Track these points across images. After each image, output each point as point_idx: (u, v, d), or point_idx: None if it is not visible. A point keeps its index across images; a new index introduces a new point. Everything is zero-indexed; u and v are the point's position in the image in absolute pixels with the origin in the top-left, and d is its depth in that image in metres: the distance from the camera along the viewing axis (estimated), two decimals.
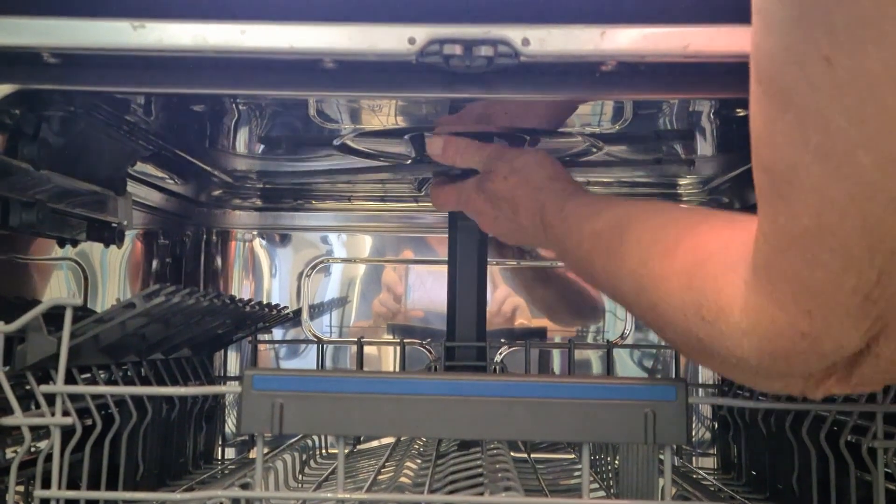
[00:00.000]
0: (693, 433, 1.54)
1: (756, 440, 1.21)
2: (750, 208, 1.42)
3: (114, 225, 1.05)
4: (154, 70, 0.74)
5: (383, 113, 1.02)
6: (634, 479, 0.91)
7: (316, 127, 1.10)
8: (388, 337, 1.56)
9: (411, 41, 0.70)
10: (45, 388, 0.75)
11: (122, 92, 0.84)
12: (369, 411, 0.73)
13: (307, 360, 1.57)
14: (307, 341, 1.50)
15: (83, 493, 0.78)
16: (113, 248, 1.11)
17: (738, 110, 0.96)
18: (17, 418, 0.76)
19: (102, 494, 0.78)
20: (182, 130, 1.11)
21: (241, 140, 1.22)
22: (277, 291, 1.54)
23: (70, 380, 0.81)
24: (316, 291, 1.54)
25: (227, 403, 1.50)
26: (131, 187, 1.13)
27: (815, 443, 0.96)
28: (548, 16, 0.69)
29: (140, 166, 1.19)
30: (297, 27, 0.70)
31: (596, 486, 1.12)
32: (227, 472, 1.25)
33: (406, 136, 1.09)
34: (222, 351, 1.50)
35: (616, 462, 1.05)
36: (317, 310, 1.54)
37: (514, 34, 0.69)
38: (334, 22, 0.70)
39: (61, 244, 0.99)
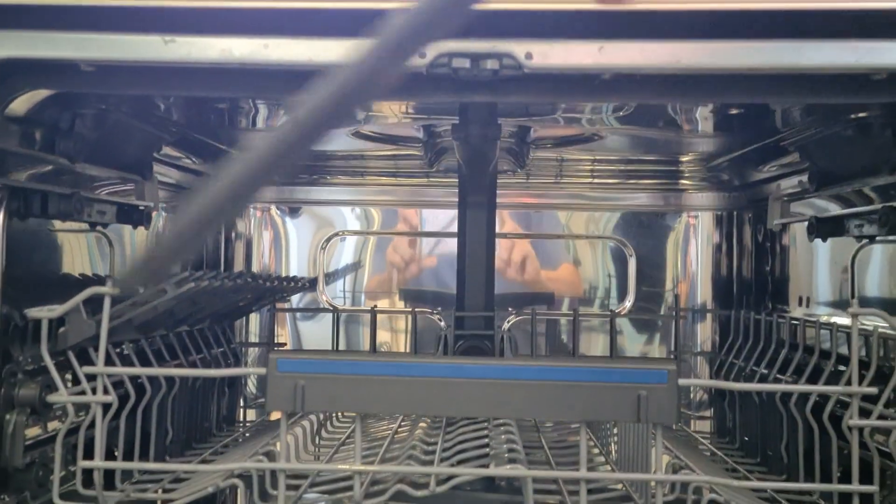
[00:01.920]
0: (692, 395, 1.60)
1: (749, 408, 1.28)
2: (748, 187, 1.48)
3: (141, 208, 1.11)
4: (182, 76, 0.80)
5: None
6: (631, 451, 0.98)
7: None
8: (400, 304, 1.63)
9: (422, 55, 0.75)
10: (87, 369, 0.82)
11: (153, 95, 0.90)
12: (383, 391, 0.80)
13: (323, 323, 1.64)
14: (323, 310, 1.57)
15: (122, 464, 0.86)
16: None
17: (732, 110, 1.01)
18: (63, 396, 0.83)
19: (140, 465, 0.85)
20: (204, 117, 1.16)
21: (260, 119, 1.27)
22: (295, 260, 1.61)
23: (107, 358, 0.88)
24: (331, 261, 1.60)
25: (246, 365, 1.58)
26: (154, 167, 1.19)
27: (802, 415, 1.03)
28: (550, 31, 0.74)
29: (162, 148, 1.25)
30: (315, 41, 0.75)
31: (597, 450, 1.19)
32: (248, 434, 1.33)
33: None
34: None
35: (615, 431, 1.12)
36: (332, 277, 1.61)
37: (518, 48, 0.74)
38: (350, 36, 0.75)
39: (92, 227, 1.06)
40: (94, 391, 0.83)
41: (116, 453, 1.02)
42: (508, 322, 1.57)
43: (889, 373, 0.84)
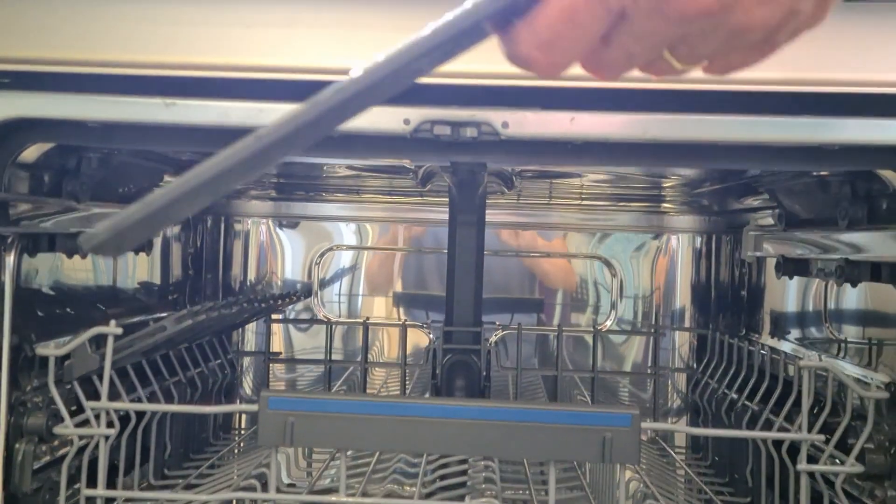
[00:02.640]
0: (670, 402, 1.66)
1: (720, 428, 1.34)
2: (727, 213, 1.53)
3: None
4: (182, 135, 0.85)
5: None
6: (599, 474, 1.05)
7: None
8: (392, 309, 1.70)
9: (406, 122, 0.80)
10: (92, 404, 0.89)
11: (154, 149, 0.95)
12: (366, 429, 0.86)
13: (317, 329, 1.69)
14: (317, 321, 1.63)
15: (123, 493, 0.92)
16: None
17: None
18: (69, 428, 0.89)
19: (138, 494, 0.92)
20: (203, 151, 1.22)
21: None
22: (290, 272, 1.67)
23: (111, 386, 0.94)
24: (326, 274, 1.66)
25: (242, 372, 1.64)
26: None
27: (765, 444, 1.09)
28: (525, 102, 0.80)
29: None
30: None
31: (574, 473, 1.25)
32: (242, 445, 1.40)
33: None
34: None
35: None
36: (326, 290, 1.67)
37: (496, 117, 0.80)
38: None
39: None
40: (97, 417, 0.89)
41: (118, 464, 1.08)
42: (496, 335, 1.63)
43: (846, 412, 0.90)
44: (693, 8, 0.33)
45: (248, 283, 1.66)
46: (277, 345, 1.66)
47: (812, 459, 0.94)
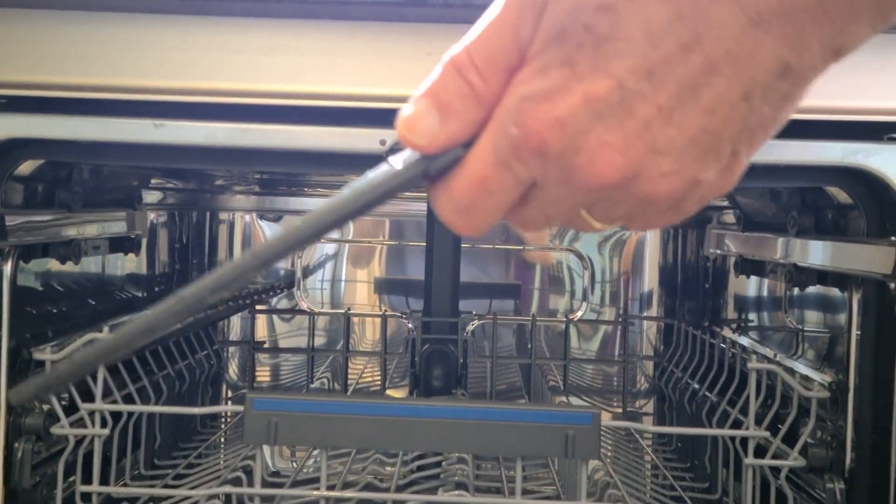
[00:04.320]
0: (638, 384, 1.73)
1: (683, 415, 1.41)
2: None
3: (132, 237, 1.22)
4: (171, 153, 0.90)
5: None
6: (567, 467, 1.12)
7: None
8: (374, 296, 1.76)
9: (382, 142, 0.85)
10: (87, 405, 0.94)
11: (144, 166, 1.00)
12: (347, 429, 0.92)
13: (300, 318, 1.75)
14: (300, 312, 1.69)
15: (115, 489, 0.98)
16: None
17: None
18: (65, 428, 0.95)
19: (130, 490, 0.98)
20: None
21: None
22: (275, 266, 1.72)
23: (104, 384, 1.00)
24: (309, 263, 1.72)
25: (227, 358, 1.70)
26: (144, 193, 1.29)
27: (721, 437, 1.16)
28: None
29: None
30: (290, 128, 0.86)
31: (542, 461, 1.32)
32: (229, 433, 1.46)
33: None
34: None
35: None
36: (309, 279, 1.72)
37: None
38: (321, 124, 0.86)
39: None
40: (91, 416, 0.95)
41: (110, 455, 1.14)
42: (472, 324, 1.69)
43: (793, 408, 0.97)
44: (598, 181, 0.35)
45: None
46: (262, 330, 1.72)
47: (762, 449, 1.01)
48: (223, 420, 1.57)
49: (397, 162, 0.39)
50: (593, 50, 0.35)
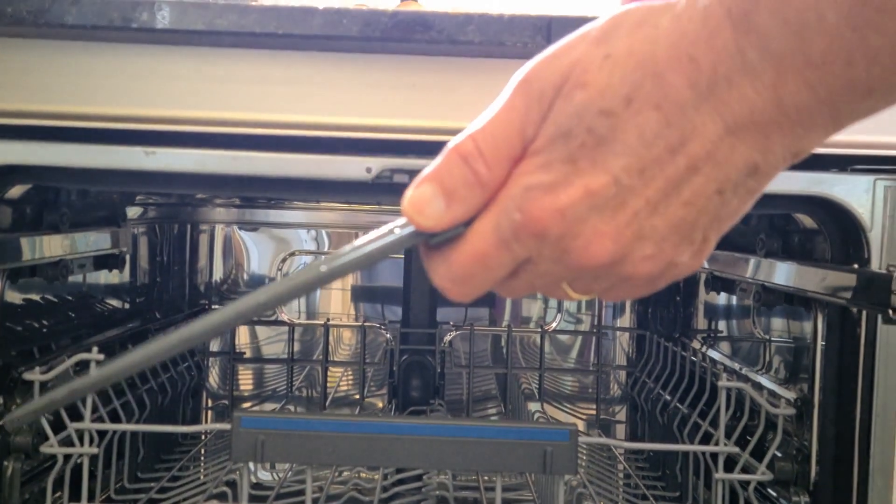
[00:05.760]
0: (611, 391, 1.77)
1: (655, 426, 1.45)
2: None
3: (116, 253, 1.23)
4: (161, 179, 0.92)
5: None
6: (543, 479, 1.15)
7: None
8: (349, 303, 1.78)
9: (368, 170, 0.88)
10: (76, 425, 0.96)
11: (135, 191, 1.02)
12: (331, 446, 0.95)
13: (281, 330, 1.77)
14: (280, 323, 1.71)
15: None
16: None
17: None
18: (54, 448, 0.97)
19: None
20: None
21: None
22: (255, 274, 1.74)
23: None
24: (288, 273, 1.74)
25: (208, 366, 1.72)
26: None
27: (693, 444, 1.20)
28: None
29: None
30: (278, 155, 0.88)
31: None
32: (210, 445, 1.48)
33: None
34: None
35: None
36: None
37: None
38: (309, 152, 0.88)
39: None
40: (79, 434, 0.97)
41: (95, 471, 1.16)
42: (450, 335, 1.72)
43: (760, 424, 1.01)
44: (589, 262, 0.40)
45: (214, 286, 1.73)
46: (243, 336, 1.74)
47: (732, 461, 1.05)
48: (204, 432, 1.59)
49: (398, 228, 0.42)
50: (593, 149, 0.39)
